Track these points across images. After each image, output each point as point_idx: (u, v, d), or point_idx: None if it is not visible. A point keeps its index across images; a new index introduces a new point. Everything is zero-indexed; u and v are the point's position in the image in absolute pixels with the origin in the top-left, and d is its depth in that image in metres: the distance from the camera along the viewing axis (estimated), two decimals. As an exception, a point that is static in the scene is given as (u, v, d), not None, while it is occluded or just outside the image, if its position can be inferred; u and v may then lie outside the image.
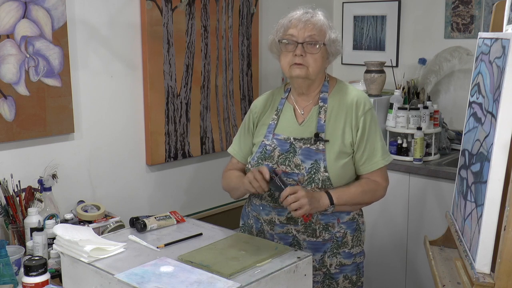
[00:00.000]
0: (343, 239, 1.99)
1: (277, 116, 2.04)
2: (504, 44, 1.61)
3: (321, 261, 1.97)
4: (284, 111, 2.04)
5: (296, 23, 1.92)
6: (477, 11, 3.30)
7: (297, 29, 1.92)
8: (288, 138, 1.97)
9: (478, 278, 1.58)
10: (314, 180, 1.90)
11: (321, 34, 1.92)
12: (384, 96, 3.29)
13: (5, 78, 2.27)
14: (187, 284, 1.52)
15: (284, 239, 1.97)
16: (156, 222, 1.98)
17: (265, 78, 3.42)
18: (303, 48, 1.91)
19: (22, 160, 2.37)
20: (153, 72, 2.78)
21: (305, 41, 1.91)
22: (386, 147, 2.04)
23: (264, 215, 2.01)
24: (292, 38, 1.92)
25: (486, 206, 1.58)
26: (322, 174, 1.90)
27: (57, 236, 1.80)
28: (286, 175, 1.93)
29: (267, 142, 2.00)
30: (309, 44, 1.91)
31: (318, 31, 1.92)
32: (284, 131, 2.00)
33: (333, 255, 1.98)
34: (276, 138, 1.99)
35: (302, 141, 1.95)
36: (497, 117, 1.57)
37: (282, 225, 1.97)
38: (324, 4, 3.84)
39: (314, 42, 1.91)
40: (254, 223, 2.08)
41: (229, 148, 2.19)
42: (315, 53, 1.91)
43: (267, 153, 1.98)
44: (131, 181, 2.80)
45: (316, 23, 1.92)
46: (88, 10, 2.54)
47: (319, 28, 1.92)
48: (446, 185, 2.91)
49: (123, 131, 2.74)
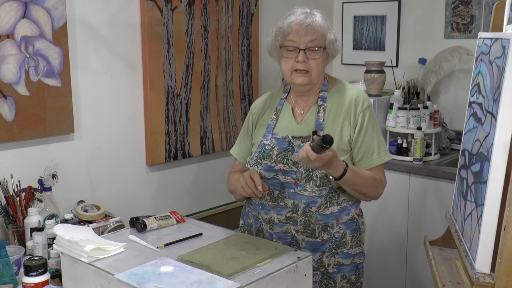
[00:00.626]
0: (342, 240, 1.99)
1: (276, 116, 2.04)
2: (504, 44, 1.61)
3: (319, 261, 1.97)
4: (283, 111, 2.05)
5: (297, 29, 1.90)
6: (477, 11, 3.30)
7: (298, 35, 1.89)
8: (287, 136, 1.97)
9: (478, 278, 1.58)
10: (312, 178, 1.90)
11: (322, 37, 1.91)
12: (384, 96, 3.29)
13: (5, 78, 2.27)
14: (187, 284, 1.52)
15: (283, 239, 1.97)
16: (156, 222, 1.98)
17: (265, 78, 3.42)
18: (305, 54, 1.89)
19: (22, 160, 2.37)
20: (153, 72, 2.78)
21: (307, 47, 1.89)
22: (385, 146, 2.03)
23: (263, 214, 2.01)
24: (293, 44, 1.91)
25: (486, 206, 1.58)
26: (320, 172, 1.90)
27: (57, 236, 1.80)
28: (284, 173, 1.94)
29: (266, 141, 2.01)
30: (311, 50, 1.90)
31: (319, 35, 1.90)
32: (283, 130, 2.00)
33: (331, 255, 1.98)
34: (275, 137, 1.99)
35: (301, 139, 1.95)
36: (497, 117, 1.57)
37: (281, 225, 1.97)
38: (324, 4, 3.84)
39: (316, 47, 1.90)
40: (253, 223, 2.08)
41: (232, 149, 2.20)
42: (317, 58, 1.91)
43: (266, 152, 1.98)
44: (131, 181, 2.80)
45: (317, 28, 1.90)
46: (88, 10, 2.54)
47: (319, 32, 1.91)
48: (446, 185, 2.91)
49: (123, 131, 2.74)
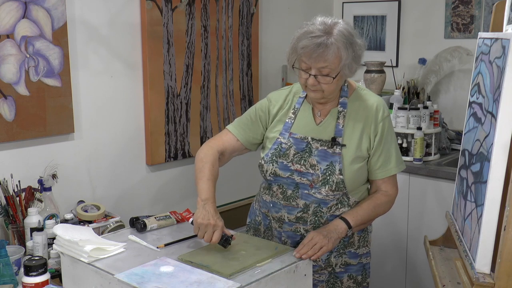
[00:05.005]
0: (350, 240, 2.00)
1: (294, 115, 2.01)
2: (504, 44, 1.61)
3: (326, 260, 1.98)
4: (302, 110, 2.01)
5: (309, 54, 1.80)
6: (477, 11, 3.30)
7: (309, 60, 1.82)
8: (306, 137, 1.96)
9: (478, 278, 1.58)
10: (328, 182, 1.90)
11: (335, 64, 1.81)
12: (384, 96, 3.28)
13: (5, 78, 2.27)
14: (187, 284, 1.52)
15: (292, 238, 1.97)
16: (156, 222, 1.98)
17: (265, 78, 3.42)
18: (315, 78, 1.84)
19: (22, 160, 2.37)
20: (153, 72, 2.78)
21: (317, 74, 1.83)
22: (400, 154, 2.03)
23: (274, 212, 2.00)
24: (305, 66, 1.84)
25: (486, 206, 1.58)
26: (337, 177, 1.89)
27: (57, 236, 1.80)
28: (300, 174, 1.93)
29: (283, 140, 1.98)
30: (322, 75, 1.83)
31: (331, 62, 1.81)
32: (301, 131, 1.98)
33: (339, 255, 1.99)
34: (292, 137, 1.97)
35: (320, 142, 1.94)
36: (497, 117, 1.57)
37: (291, 224, 1.97)
38: (324, 4, 3.84)
39: (326, 74, 1.83)
40: (262, 220, 2.08)
41: (230, 125, 2.10)
42: (328, 83, 1.84)
43: (282, 150, 1.97)
44: (131, 181, 2.80)
45: (328, 57, 1.79)
46: (88, 10, 2.54)
47: (331, 60, 1.80)
48: (446, 185, 2.91)
49: (123, 131, 2.74)
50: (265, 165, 1.99)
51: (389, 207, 2.02)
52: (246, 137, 2.06)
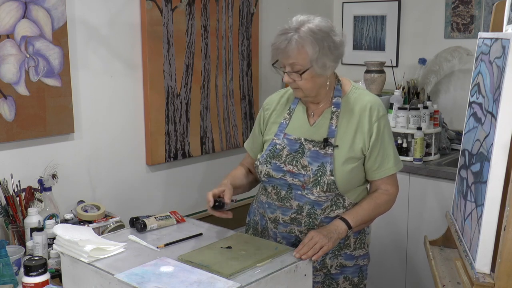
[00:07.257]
0: (346, 241, 1.99)
1: (289, 116, 2.01)
2: (504, 44, 1.61)
3: (322, 262, 1.97)
4: (296, 111, 2.01)
5: (276, 50, 1.84)
6: (477, 11, 3.30)
7: (278, 57, 1.85)
8: (299, 138, 1.96)
9: (478, 278, 1.58)
10: (320, 183, 1.89)
11: (302, 59, 1.81)
12: (384, 96, 3.28)
13: (5, 78, 2.27)
14: (187, 284, 1.53)
15: (287, 239, 1.97)
16: (156, 222, 1.98)
17: (265, 78, 3.42)
18: (289, 76, 1.85)
19: (22, 160, 2.37)
20: (153, 72, 2.78)
21: (290, 70, 1.84)
22: (398, 153, 2.02)
23: (269, 213, 2.01)
24: (280, 65, 1.86)
25: (486, 206, 1.58)
26: (328, 178, 1.88)
27: (57, 236, 1.80)
28: (292, 174, 1.93)
29: (277, 141, 1.99)
30: (294, 72, 1.84)
31: (297, 58, 1.81)
32: (295, 132, 1.98)
33: (334, 257, 1.98)
34: (287, 138, 1.98)
35: (312, 143, 1.93)
36: (497, 117, 1.57)
37: (286, 225, 1.97)
38: (324, 4, 3.84)
39: (296, 71, 1.83)
40: (259, 220, 2.09)
41: (245, 142, 2.22)
42: (301, 79, 1.84)
43: (276, 151, 1.97)
44: (131, 181, 2.80)
45: (290, 53, 1.81)
46: (88, 10, 2.54)
47: (294, 56, 1.81)
48: (446, 185, 2.91)
49: (123, 131, 2.74)
50: (260, 166, 2.00)
51: (390, 205, 2.01)
52: (254, 150, 2.13)
